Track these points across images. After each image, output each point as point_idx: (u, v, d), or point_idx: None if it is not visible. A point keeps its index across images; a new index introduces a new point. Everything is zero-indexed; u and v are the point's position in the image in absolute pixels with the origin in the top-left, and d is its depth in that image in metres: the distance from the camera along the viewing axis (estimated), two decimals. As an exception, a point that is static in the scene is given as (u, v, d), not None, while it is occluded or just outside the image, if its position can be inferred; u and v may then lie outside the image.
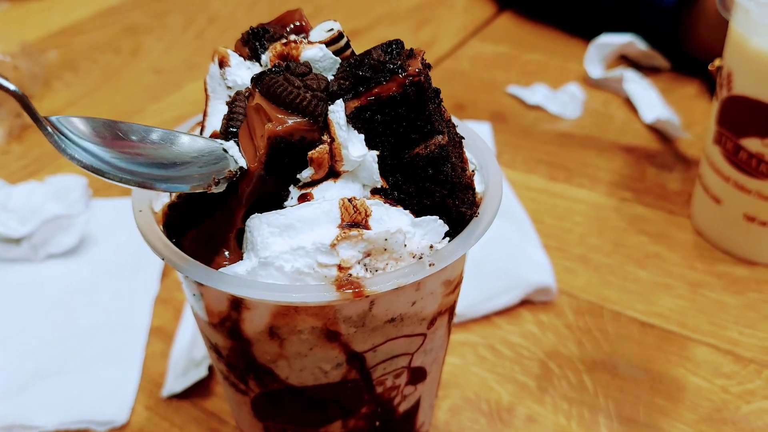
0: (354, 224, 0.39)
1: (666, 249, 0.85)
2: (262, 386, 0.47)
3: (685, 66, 1.21)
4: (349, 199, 0.40)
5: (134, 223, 0.44)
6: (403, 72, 0.41)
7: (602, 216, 0.91)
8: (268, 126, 0.40)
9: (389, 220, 0.40)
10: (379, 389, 0.48)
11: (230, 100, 0.45)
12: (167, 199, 0.47)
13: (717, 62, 0.86)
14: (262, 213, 0.41)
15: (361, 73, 0.42)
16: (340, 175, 0.43)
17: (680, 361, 0.71)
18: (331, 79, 0.44)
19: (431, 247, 0.41)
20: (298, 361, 0.44)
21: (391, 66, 0.41)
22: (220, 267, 0.41)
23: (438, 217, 0.42)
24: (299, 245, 0.39)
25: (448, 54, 1.32)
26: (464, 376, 0.70)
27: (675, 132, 1.04)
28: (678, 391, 0.68)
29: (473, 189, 0.46)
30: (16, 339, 0.74)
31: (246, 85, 0.46)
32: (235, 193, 0.42)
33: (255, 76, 0.43)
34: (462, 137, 0.47)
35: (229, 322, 0.44)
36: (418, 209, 0.43)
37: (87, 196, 0.88)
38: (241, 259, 0.42)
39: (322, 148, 0.42)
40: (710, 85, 1.17)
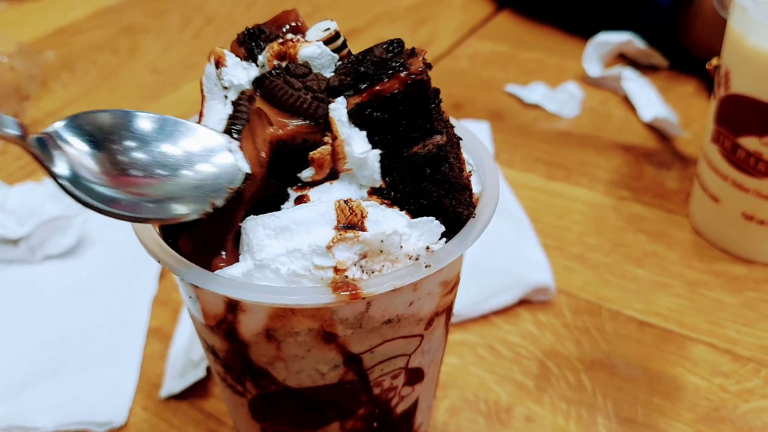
0: (350, 226, 0.39)
1: (664, 248, 0.85)
2: (259, 388, 0.47)
3: (683, 64, 1.20)
4: (345, 201, 0.40)
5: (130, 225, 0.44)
6: (405, 70, 0.41)
7: (600, 215, 0.91)
8: (270, 130, 0.40)
9: (385, 221, 0.40)
10: (377, 390, 0.48)
11: (235, 100, 0.45)
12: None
13: (715, 61, 0.86)
14: (258, 215, 0.41)
15: (363, 69, 0.42)
16: (337, 177, 0.43)
17: (678, 360, 0.71)
18: (330, 76, 0.44)
19: (428, 249, 0.41)
20: (295, 363, 0.44)
21: (393, 63, 0.41)
22: (216, 269, 0.41)
23: (434, 218, 0.42)
24: (295, 247, 0.39)
25: (446, 53, 1.32)
26: (463, 376, 0.70)
27: (673, 130, 1.04)
28: (676, 391, 0.68)
29: (470, 190, 0.46)
30: (15, 340, 0.73)
31: (242, 86, 0.46)
32: (237, 195, 0.42)
33: (256, 79, 0.43)
34: (460, 138, 0.47)
35: (225, 325, 0.44)
36: (415, 209, 0.43)
37: (84, 197, 0.88)
38: (238, 261, 0.42)
39: (324, 149, 0.41)
40: (708, 84, 1.17)
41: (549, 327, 0.75)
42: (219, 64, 0.46)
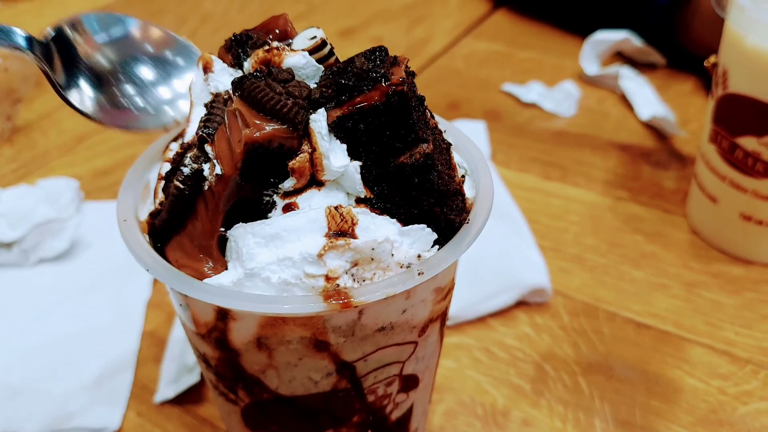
0: (341, 233, 0.39)
1: (662, 248, 0.85)
2: (252, 396, 0.46)
3: (680, 62, 1.20)
4: (336, 207, 0.40)
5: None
6: (386, 81, 0.40)
7: (597, 215, 0.90)
8: (246, 132, 0.40)
9: (376, 228, 0.40)
10: (371, 398, 0.47)
11: (209, 102, 0.44)
12: (152, 207, 0.46)
13: (713, 59, 0.85)
14: (247, 222, 0.41)
15: (343, 81, 0.41)
16: (323, 184, 0.42)
17: (676, 363, 0.71)
18: (313, 87, 0.43)
19: (419, 257, 0.41)
20: (287, 372, 0.44)
21: (374, 74, 0.41)
22: (204, 276, 0.41)
23: (426, 226, 0.42)
24: (286, 255, 0.39)
25: (442, 52, 1.32)
26: (459, 379, 0.70)
27: (671, 129, 1.03)
28: (674, 393, 0.68)
29: (463, 195, 0.46)
30: (7, 344, 0.73)
31: (228, 91, 0.45)
32: (212, 198, 0.41)
33: (235, 80, 0.42)
34: (449, 143, 0.47)
35: (216, 333, 0.43)
36: (406, 218, 0.42)
37: (78, 200, 0.87)
38: (225, 267, 0.41)
39: (303, 158, 0.41)
40: (706, 82, 1.16)
41: (546, 329, 0.75)
42: (206, 70, 0.46)
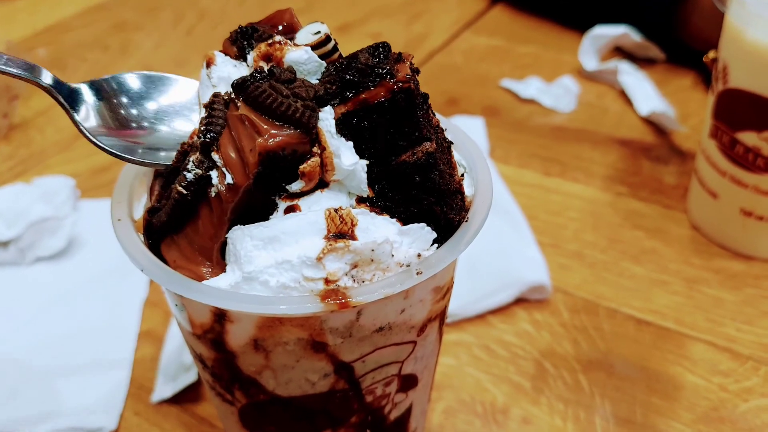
0: (340, 235, 0.38)
1: (662, 244, 0.84)
2: (249, 397, 0.46)
3: (680, 57, 1.19)
4: (335, 210, 0.39)
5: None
6: (392, 77, 0.40)
7: (597, 211, 0.90)
8: (259, 141, 0.38)
9: (375, 229, 0.39)
10: (369, 398, 0.47)
11: (207, 103, 0.43)
12: (148, 205, 0.45)
13: (712, 54, 0.85)
14: (245, 225, 0.40)
15: (348, 77, 0.40)
16: (328, 185, 0.41)
17: (677, 359, 0.70)
18: (315, 83, 0.42)
19: (419, 256, 0.40)
20: (284, 373, 0.43)
21: (379, 70, 0.40)
22: (201, 278, 0.40)
23: (425, 225, 0.41)
24: (284, 259, 0.38)
25: (440, 48, 1.31)
26: (458, 377, 0.69)
27: (670, 124, 1.03)
28: (675, 390, 0.67)
29: (462, 193, 0.45)
30: (3, 344, 0.72)
31: (228, 92, 0.44)
32: (220, 205, 0.40)
33: (236, 84, 0.41)
34: (451, 142, 0.46)
35: (212, 334, 0.43)
36: (405, 217, 0.42)
37: (74, 198, 0.87)
38: (224, 270, 0.41)
39: (314, 161, 0.40)
40: (705, 76, 1.16)
41: (546, 326, 0.74)
42: (209, 65, 0.45)
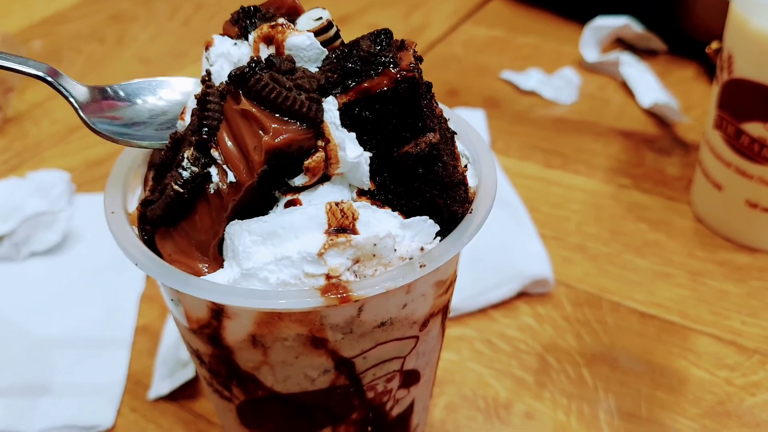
0: (341, 229, 0.37)
1: (666, 237, 0.83)
2: (247, 393, 0.45)
3: (682, 48, 1.18)
4: (336, 203, 0.38)
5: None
6: (394, 66, 0.38)
7: (600, 203, 0.89)
8: (266, 139, 0.37)
9: (377, 223, 0.38)
10: (370, 394, 0.46)
11: (200, 94, 0.41)
12: (143, 196, 0.44)
13: (714, 45, 0.84)
14: (244, 219, 0.39)
15: (350, 65, 0.39)
16: (330, 178, 0.40)
17: (682, 353, 0.69)
18: (315, 71, 0.41)
19: (422, 249, 0.39)
20: (283, 369, 0.42)
21: (382, 59, 0.39)
22: (198, 274, 0.39)
23: (428, 217, 0.40)
24: (284, 255, 0.37)
25: (440, 39, 1.29)
26: (460, 372, 0.68)
27: (673, 116, 1.02)
28: (680, 384, 0.66)
29: (465, 185, 0.44)
30: (-2, 340, 0.71)
31: (231, 60, 0.43)
32: (220, 202, 0.39)
33: (235, 75, 0.39)
34: (454, 132, 0.45)
35: (209, 329, 0.42)
36: (407, 209, 0.41)
37: (70, 192, 0.85)
38: (221, 266, 0.40)
39: (319, 156, 0.38)
40: (708, 67, 1.14)
41: (548, 320, 0.73)
42: (207, 47, 0.44)
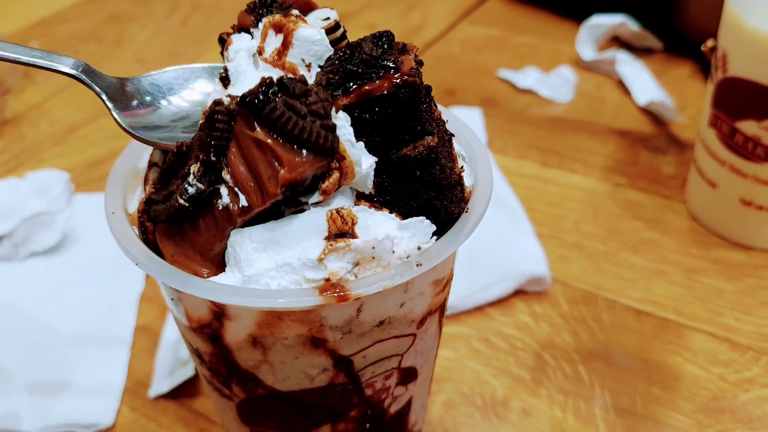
0: (340, 234, 0.37)
1: (661, 235, 0.84)
2: (247, 392, 0.45)
3: (677, 46, 1.19)
4: (337, 210, 0.38)
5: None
6: (396, 70, 0.39)
7: (596, 202, 0.89)
8: (282, 173, 0.36)
9: (375, 226, 0.38)
10: (369, 392, 0.46)
11: (208, 112, 0.39)
12: (143, 196, 0.45)
13: (710, 43, 0.84)
14: (247, 227, 0.39)
15: (351, 67, 0.39)
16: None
17: (677, 350, 0.70)
18: (317, 71, 0.42)
19: (419, 249, 0.40)
20: (283, 368, 0.42)
21: (384, 62, 0.39)
22: (199, 276, 0.39)
23: (425, 218, 0.41)
24: (285, 261, 0.37)
25: (437, 38, 1.30)
26: (458, 370, 0.69)
27: (669, 114, 1.02)
28: (675, 381, 0.67)
29: (462, 185, 0.44)
30: (-2, 340, 0.72)
31: (251, 49, 0.43)
32: (228, 218, 0.39)
33: (246, 101, 0.37)
34: (452, 134, 0.45)
35: (209, 329, 0.42)
36: (404, 210, 0.41)
37: (69, 192, 0.86)
38: (223, 271, 0.40)
39: (335, 178, 0.38)
40: (703, 66, 1.15)
41: (545, 318, 0.74)
42: (227, 46, 0.44)
